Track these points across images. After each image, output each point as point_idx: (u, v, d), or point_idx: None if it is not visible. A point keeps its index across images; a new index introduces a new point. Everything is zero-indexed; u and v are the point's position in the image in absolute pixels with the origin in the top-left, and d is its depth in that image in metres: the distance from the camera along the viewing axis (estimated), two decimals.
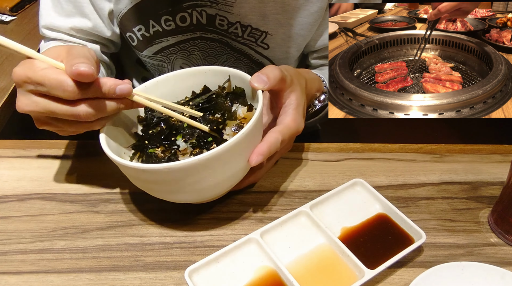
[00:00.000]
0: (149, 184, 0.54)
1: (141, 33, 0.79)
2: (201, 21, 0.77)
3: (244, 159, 0.54)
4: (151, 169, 0.49)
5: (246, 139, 0.51)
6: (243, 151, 0.53)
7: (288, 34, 0.78)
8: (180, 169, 0.49)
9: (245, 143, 0.52)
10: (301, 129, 0.59)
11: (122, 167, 0.52)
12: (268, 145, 0.54)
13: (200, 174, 0.51)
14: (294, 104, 0.59)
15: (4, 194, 0.63)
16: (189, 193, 0.54)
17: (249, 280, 0.52)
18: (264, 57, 0.83)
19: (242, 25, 0.77)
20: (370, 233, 0.57)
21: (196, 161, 0.48)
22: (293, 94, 0.59)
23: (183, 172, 0.50)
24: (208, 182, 0.52)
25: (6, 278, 0.53)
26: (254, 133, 0.53)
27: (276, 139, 0.55)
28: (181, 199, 0.57)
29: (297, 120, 0.58)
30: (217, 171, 0.52)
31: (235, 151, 0.51)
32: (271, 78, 0.55)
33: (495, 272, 0.50)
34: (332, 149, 0.72)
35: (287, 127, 0.57)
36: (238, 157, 0.53)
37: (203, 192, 0.55)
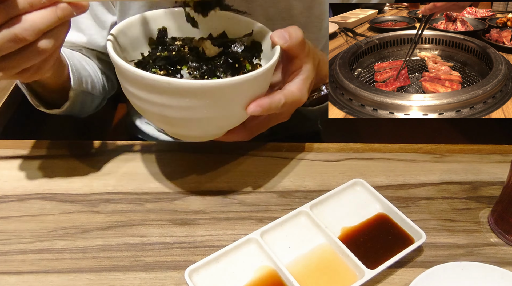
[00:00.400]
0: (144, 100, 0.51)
1: None
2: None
3: (243, 103, 0.52)
4: (151, 77, 0.47)
5: (252, 82, 0.50)
6: (245, 93, 0.52)
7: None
8: (179, 86, 0.47)
9: (250, 85, 0.51)
10: (303, 100, 0.58)
11: (125, 72, 0.50)
12: (270, 100, 0.53)
13: (197, 100, 0.49)
14: (303, 75, 0.58)
15: (4, 194, 0.63)
16: (179, 120, 0.52)
17: (249, 280, 0.52)
18: None
19: None
20: (370, 233, 0.57)
21: (197, 84, 0.47)
22: (305, 65, 0.58)
23: (181, 92, 0.48)
24: (202, 112, 0.51)
25: (6, 278, 0.53)
26: (261, 81, 0.52)
27: (279, 99, 0.54)
28: (168, 125, 0.55)
29: (303, 91, 0.57)
30: (214, 104, 0.50)
31: (238, 90, 0.50)
32: (293, 37, 0.54)
33: (495, 272, 0.50)
34: (332, 149, 0.72)
35: (292, 93, 0.56)
36: (239, 98, 0.52)
37: (193, 123, 0.53)
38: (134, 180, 0.66)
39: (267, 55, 0.59)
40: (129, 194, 0.64)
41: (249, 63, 0.57)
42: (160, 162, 0.69)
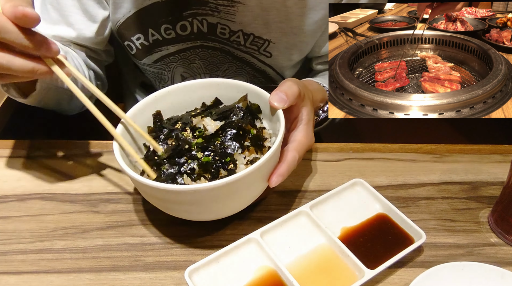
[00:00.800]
0: (169, 204, 0.54)
1: (140, 42, 0.78)
2: (202, 29, 0.76)
3: (265, 178, 0.54)
4: (177, 190, 0.49)
5: (271, 160, 0.52)
6: (266, 171, 0.54)
7: (291, 42, 0.78)
8: (206, 190, 0.49)
9: (270, 163, 0.53)
10: (312, 143, 0.60)
11: (143, 186, 0.51)
12: (288, 165, 0.55)
13: (225, 196, 0.51)
14: (306, 119, 0.59)
15: (4, 194, 0.63)
16: (208, 213, 0.54)
17: (249, 280, 0.52)
18: (267, 65, 0.82)
19: (244, 34, 0.76)
20: (370, 233, 0.57)
21: (223, 183, 0.48)
22: (304, 109, 0.59)
23: (209, 194, 0.49)
24: (229, 203, 0.53)
25: (6, 278, 0.53)
26: (277, 154, 0.54)
27: (294, 158, 0.55)
28: (198, 218, 0.57)
29: (309, 136, 0.59)
30: (240, 193, 0.52)
31: (261, 172, 0.52)
32: (290, 96, 0.55)
33: (495, 272, 0.50)
34: (332, 149, 0.72)
35: (301, 143, 0.57)
36: (261, 178, 0.53)
37: (222, 212, 0.56)
38: None
39: (266, 115, 0.60)
40: (129, 194, 0.64)
41: (252, 127, 0.58)
42: None
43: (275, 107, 0.55)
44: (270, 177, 0.54)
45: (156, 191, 0.50)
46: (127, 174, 0.50)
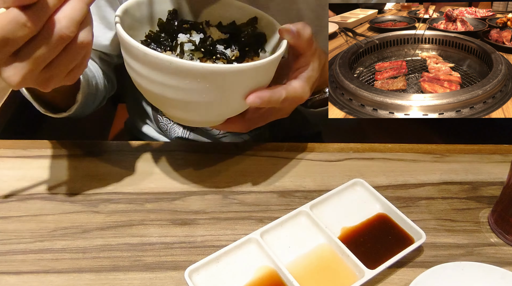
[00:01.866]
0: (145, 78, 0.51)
1: None
2: None
3: (244, 92, 0.52)
4: (154, 55, 0.47)
5: (254, 72, 0.50)
6: (246, 82, 0.51)
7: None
8: (180, 66, 0.47)
9: (251, 74, 0.50)
10: (305, 98, 0.58)
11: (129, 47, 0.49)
12: (271, 93, 0.52)
13: (198, 83, 0.48)
14: (307, 74, 0.57)
15: (4, 194, 0.63)
16: (178, 102, 0.52)
17: (249, 280, 0.52)
18: None
19: None
20: (370, 233, 0.57)
21: (199, 66, 0.47)
22: (311, 64, 0.57)
23: (182, 72, 0.47)
24: (201, 96, 0.50)
25: (6, 278, 0.53)
26: (263, 72, 0.52)
27: (280, 93, 0.53)
28: (167, 106, 0.55)
29: (305, 89, 0.57)
30: (213, 89, 0.50)
31: (239, 78, 0.50)
32: (301, 34, 0.53)
33: (495, 272, 0.50)
34: (332, 149, 0.72)
35: (294, 89, 0.55)
36: (239, 87, 0.51)
37: (192, 106, 0.52)
38: (134, 180, 0.66)
39: (273, 49, 0.58)
40: (129, 194, 0.64)
41: (254, 52, 0.57)
42: (160, 162, 0.69)
43: (283, 37, 0.54)
44: (249, 95, 0.52)
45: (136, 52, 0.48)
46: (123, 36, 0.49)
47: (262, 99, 0.52)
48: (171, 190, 0.64)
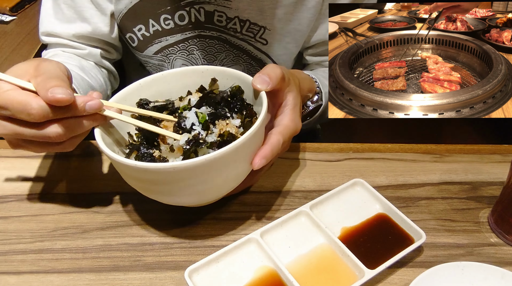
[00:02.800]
0: (147, 184, 0.53)
1: (141, 33, 0.80)
2: (199, 18, 0.77)
3: (248, 160, 0.53)
4: (154, 168, 0.48)
5: (252, 140, 0.51)
6: (247, 152, 0.52)
7: (286, 29, 0.79)
8: (185, 168, 0.48)
9: (251, 143, 0.51)
10: (299, 129, 0.59)
11: (120, 165, 0.51)
12: (271, 147, 0.54)
13: (204, 174, 0.50)
14: (291, 104, 0.58)
15: (4, 194, 0.63)
16: (188, 195, 0.53)
17: (249, 280, 0.52)
18: (263, 53, 0.83)
19: (240, 20, 0.77)
20: (370, 233, 0.57)
21: (202, 160, 0.47)
22: (290, 94, 0.58)
23: (188, 172, 0.48)
24: (210, 183, 0.52)
25: (6, 278, 0.53)
26: (260, 135, 0.53)
27: (278, 141, 0.55)
28: (179, 201, 0.56)
29: (295, 120, 0.58)
30: (220, 172, 0.51)
31: (241, 152, 0.51)
32: (273, 78, 0.55)
33: (495, 272, 0.50)
34: (332, 149, 0.72)
35: (287, 128, 0.57)
36: (243, 158, 0.52)
37: (203, 194, 0.54)
38: None
39: (250, 99, 0.59)
40: (129, 194, 0.64)
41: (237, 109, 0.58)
42: None
43: (258, 89, 0.55)
44: (253, 159, 0.53)
45: (131, 169, 0.50)
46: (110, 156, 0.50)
47: (267, 158, 0.53)
48: None
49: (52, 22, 0.76)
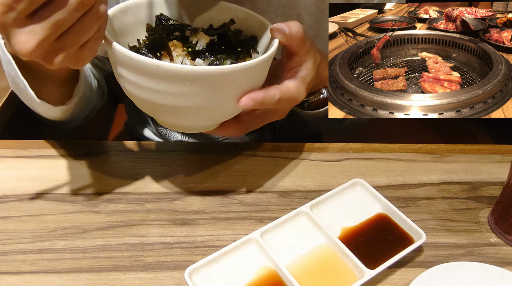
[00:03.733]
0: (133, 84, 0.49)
1: None
2: None
3: (236, 95, 0.50)
4: (140, 59, 0.45)
5: (245, 72, 0.48)
6: (238, 84, 0.49)
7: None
8: (168, 70, 0.45)
9: (243, 76, 0.48)
10: (300, 99, 0.56)
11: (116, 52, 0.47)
12: (264, 94, 0.50)
13: (187, 87, 0.47)
14: (302, 73, 0.55)
15: (4, 194, 0.63)
16: (168, 107, 0.50)
17: (249, 280, 0.52)
18: None
19: None
20: (370, 233, 0.57)
21: (187, 69, 0.45)
22: (305, 63, 0.55)
23: (170, 76, 0.46)
24: (191, 100, 0.48)
25: (6, 278, 0.53)
26: (255, 73, 0.50)
27: (274, 94, 0.51)
28: (157, 113, 0.53)
29: (300, 88, 0.55)
30: (203, 92, 0.48)
31: (230, 80, 0.48)
32: (293, 32, 0.51)
33: (495, 272, 0.50)
34: (332, 149, 0.72)
35: (289, 89, 0.53)
36: (231, 89, 0.49)
37: (182, 111, 0.51)
38: (134, 180, 0.66)
39: (265, 49, 0.57)
40: (129, 194, 0.64)
41: (246, 53, 0.55)
42: (160, 162, 0.69)
43: (274, 36, 0.52)
44: (242, 97, 0.50)
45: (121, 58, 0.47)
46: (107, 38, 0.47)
47: (256, 101, 0.50)
48: (171, 190, 0.64)
49: None
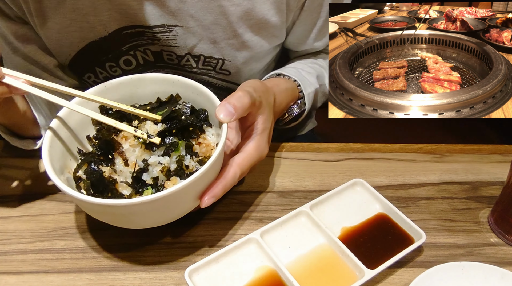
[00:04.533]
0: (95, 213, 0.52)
1: (92, 80, 0.75)
2: (148, 59, 0.72)
3: (197, 194, 0.51)
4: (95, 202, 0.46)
5: (203, 177, 0.48)
6: (198, 187, 0.50)
7: (247, 56, 0.72)
8: (124, 206, 0.46)
9: (202, 181, 0.49)
10: (264, 155, 0.57)
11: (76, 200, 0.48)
12: (224, 183, 0.51)
13: (149, 212, 0.48)
14: (260, 129, 0.56)
15: (4, 194, 0.63)
16: (133, 222, 0.52)
17: (249, 280, 0.52)
18: (229, 82, 0.77)
19: (193, 56, 0.71)
20: (370, 233, 0.57)
21: (143, 200, 0.45)
22: (260, 117, 0.56)
23: (129, 209, 0.47)
24: (154, 217, 0.51)
25: (6, 278, 0.53)
26: (212, 171, 0.50)
27: (234, 175, 0.52)
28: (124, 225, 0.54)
29: (260, 147, 0.56)
30: (169, 207, 0.50)
31: (190, 190, 0.48)
32: (238, 109, 0.51)
33: (495, 272, 0.50)
34: (332, 149, 0.72)
35: (249, 157, 0.54)
36: (193, 194, 0.50)
37: (149, 220, 0.52)
38: None
39: (215, 123, 0.56)
40: None
41: (200, 130, 0.55)
42: None
43: (221, 121, 0.51)
44: (202, 196, 0.50)
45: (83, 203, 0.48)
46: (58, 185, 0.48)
47: (216, 196, 0.51)
48: None
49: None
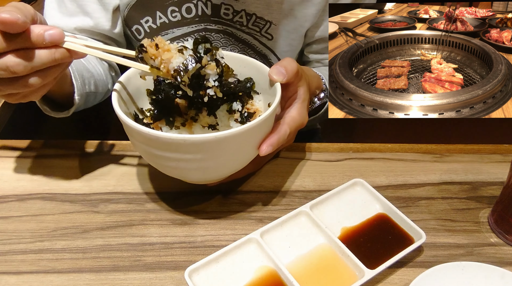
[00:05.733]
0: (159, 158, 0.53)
1: (148, 25, 0.80)
2: (206, 11, 0.78)
3: (255, 144, 0.54)
4: (167, 137, 0.49)
5: (263, 125, 0.52)
6: (256, 136, 0.54)
7: (292, 25, 0.80)
8: (194, 142, 0.49)
9: (259, 129, 0.53)
10: (305, 123, 0.61)
11: (137, 133, 0.51)
12: (278, 136, 0.55)
13: (212, 151, 0.51)
14: (301, 99, 0.60)
15: (4, 194, 0.63)
16: (195, 170, 0.54)
17: (249, 280, 0.52)
18: (268, 49, 0.84)
19: (247, 14, 0.78)
20: (370, 233, 0.57)
21: (212, 137, 0.48)
22: (301, 88, 0.60)
23: (197, 146, 0.49)
24: (218, 161, 0.53)
25: (6, 278, 0.53)
26: (270, 122, 0.55)
27: (285, 131, 0.56)
28: (184, 175, 0.57)
29: (303, 114, 0.60)
30: (228, 152, 0.52)
31: (249, 136, 0.52)
32: (289, 71, 0.56)
33: (495, 272, 0.50)
34: (332, 149, 0.72)
35: (294, 120, 0.58)
36: (251, 142, 0.54)
37: (209, 170, 0.55)
38: (134, 180, 0.66)
39: (264, 89, 0.60)
40: (129, 194, 0.64)
41: (248, 96, 0.59)
42: None
43: (274, 80, 0.56)
44: (260, 145, 0.55)
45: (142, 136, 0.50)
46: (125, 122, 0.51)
47: (273, 146, 0.55)
48: (171, 190, 0.64)
49: (54, 15, 0.77)
